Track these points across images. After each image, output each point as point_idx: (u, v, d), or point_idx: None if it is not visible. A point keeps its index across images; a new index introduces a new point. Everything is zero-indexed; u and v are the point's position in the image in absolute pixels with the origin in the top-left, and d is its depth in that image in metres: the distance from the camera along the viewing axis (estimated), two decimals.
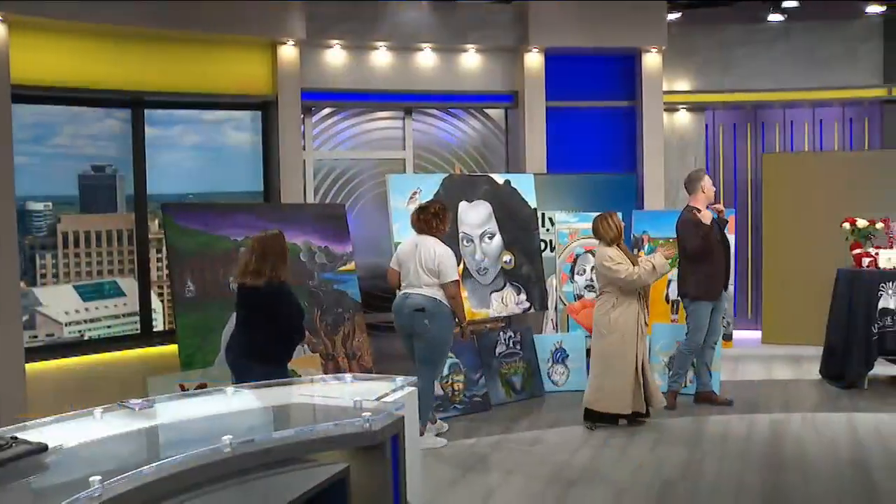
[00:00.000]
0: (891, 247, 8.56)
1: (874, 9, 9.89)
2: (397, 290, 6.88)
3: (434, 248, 6.62)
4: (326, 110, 9.76)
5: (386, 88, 9.59)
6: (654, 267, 7.02)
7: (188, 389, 6.09)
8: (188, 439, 3.37)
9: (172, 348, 7.56)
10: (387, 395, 3.83)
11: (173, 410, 3.70)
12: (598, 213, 7.33)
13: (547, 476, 6.01)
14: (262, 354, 5.54)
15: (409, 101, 9.78)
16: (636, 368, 7.04)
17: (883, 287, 8.29)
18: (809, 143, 10.90)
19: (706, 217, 7.58)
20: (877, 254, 8.51)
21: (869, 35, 10.32)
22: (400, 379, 4.11)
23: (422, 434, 6.61)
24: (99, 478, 2.63)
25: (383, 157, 9.94)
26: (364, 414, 3.43)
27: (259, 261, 5.58)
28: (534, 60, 9.79)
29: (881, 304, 8.29)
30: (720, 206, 7.84)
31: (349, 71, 9.47)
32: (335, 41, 9.26)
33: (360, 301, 8.36)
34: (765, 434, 6.99)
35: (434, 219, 6.75)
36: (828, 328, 8.80)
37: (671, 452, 6.51)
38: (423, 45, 9.58)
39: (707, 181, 7.79)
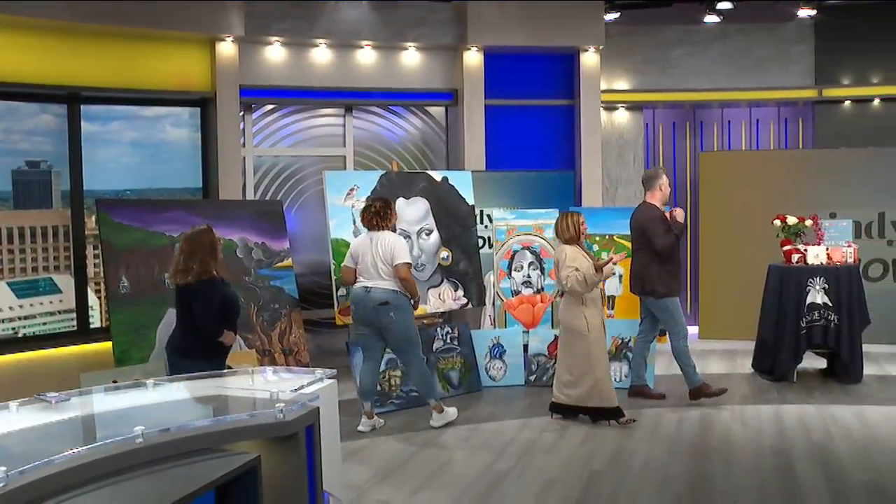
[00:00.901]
0: (819, 243, 8.78)
1: (805, 12, 10.11)
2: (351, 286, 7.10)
3: (389, 239, 6.92)
4: (267, 107, 9.76)
5: (326, 86, 9.62)
6: (584, 278, 7.01)
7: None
8: (102, 430, 3.39)
9: (109, 345, 7.52)
10: (304, 386, 3.88)
11: (91, 403, 3.71)
12: (561, 212, 7.46)
13: (478, 469, 6.09)
14: (188, 350, 5.62)
15: (349, 98, 9.83)
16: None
17: (811, 282, 8.50)
18: (746, 143, 11.13)
19: (680, 215, 7.73)
20: (805, 250, 8.72)
21: (801, 37, 10.56)
22: (319, 372, 4.16)
23: (441, 411, 7.14)
24: (3, 468, 2.64)
25: (324, 154, 9.97)
26: (278, 405, 3.47)
27: (187, 258, 5.64)
28: (473, 59, 9.89)
29: (809, 299, 8.49)
30: (679, 210, 7.91)
31: (289, 68, 9.48)
32: (275, 38, 9.28)
33: (298, 297, 8.37)
34: (694, 427, 7.13)
35: (376, 216, 6.96)
36: (759, 323, 9.00)
37: (601, 445, 6.62)
38: (364, 42, 9.63)
39: (665, 180, 7.91)
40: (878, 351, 9.24)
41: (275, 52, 9.42)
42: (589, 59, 10.11)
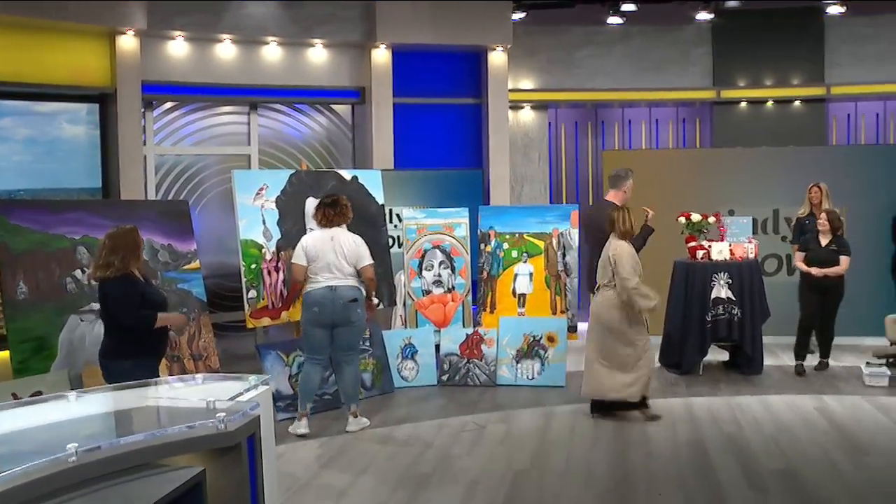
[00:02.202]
0: (722, 240, 9.03)
1: (704, 16, 10.40)
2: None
3: (350, 238, 6.90)
4: (168, 104, 9.43)
5: (230, 82, 9.40)
6: (643, 296, 6.93)
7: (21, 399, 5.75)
8: (28, 450, 3.16)
9: (6, 355, 7.11)
10: (241, 394, 3.73)
11: (9, 420, 3.47)
12: (615, 206, 7.34)
13: (400, 472, 6.01)
14: (117, 352, 5.39)
15: (254, 95, 9.62)
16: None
17: (715, 278, 8.73)
18: (646, 142, 11.36)
19: (651, 219, 7.83)
20: (709, 246, 8.96)
21: (700, 40, 10.86)
22: (253, 378, 4.01)
23: (357, 416, 7.07)
24: None
25: (227, 152, 9.72)
26: (218, 415, 3.32)
27: (109, 254, 5.44)
28: (381, 56, 9.80)
29: (713, 294, 8.73)
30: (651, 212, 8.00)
31: (192, 64, 9.21)
32: (178, 32, 8.99)
33: (206, 300, 8.11)
34: (609, 422, 7.22)
35: (334, 213, 6.93)
36: (665, 318, 9.20)
37: (521, 444, 6.64)
38: (270, 38, 9.43)
39: (631, 183, 7.98)
40: (775, 342, 9.55)
41: (178, 47, 9.13)
42: (497, 58, 10.15)
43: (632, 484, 5.72)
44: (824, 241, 8.66)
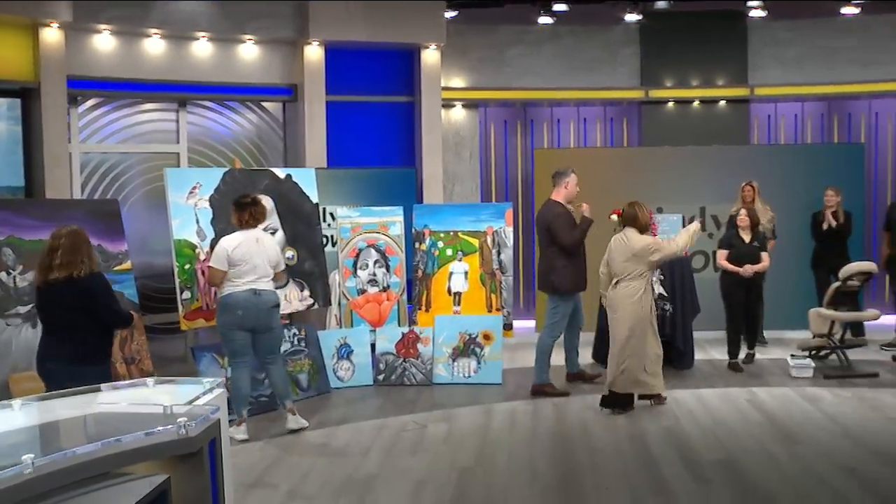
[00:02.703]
0: (654, 236, 9.16)
1: (632, 17, 10.56)
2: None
3: (271, 239, 6.93)
4: (94, 100, 9.14)
5: (159, 78, 9.16)
6: (685, 240, 7.43)
7: None
8: None
9: None
10: (198, 398, 3.63)
11: None
12: (630, 201, 7.49)
13: (345, 474, 5.94)
14: (87, 355, 5.21)
15: (183, 92, 9.39)
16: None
17: None
18: (575, 140, 11.49)
19: (587, 210, 7.87)
20: None
21: (628, 41, 11.02)
22: (208, 381, 3.91)
23: (295, 413, 6.97)
24: None
25: (156, 150, 9.48)
26: (179, 420, 3.22)
27: (70, 252, 5.23)
28: (314, 54, 9.68)
29: None
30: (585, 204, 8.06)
31: (119, 59, 8.95)
32: (104, 26, 8.71)
33: (138, 302, 7.90)
34: (549, 418, 7.29)
35: (257, 214, 6.83)
36: (599, 314, 9.30)
37: (463, 442, 6.63)
38: (200, 34, 9.22)
39: (573, 178, 8.00)
40: (703, 337, 9.75)
41: (104, 41, 8.85)
42: (430, 56, 10.13)
43: (577, 478, 5.77)
44: (747, 237, 8.87)
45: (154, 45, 9.11)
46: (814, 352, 8.87)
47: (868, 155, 10.85)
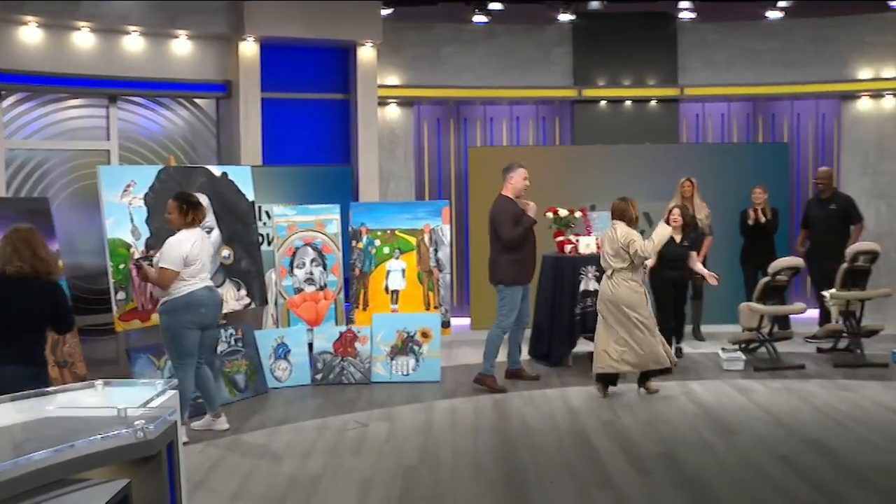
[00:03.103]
0: (589, 234, 9.32)
1: (565, 17, 10.67)
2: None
3: (209, 239, 6.86)
4: (19, 95, 8.85)
5: (88, 73, 8.91)
6: (658, 239, 7.72)
7: None
8: None
9: None
10: (152, 400, 3.56)
11: None
12: (619, 197, 7.80)
13: (289, 475, 5.88)
14: (28, 357, 5.04)
15: (113, 87, 9.16)
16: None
17: (583, 271, 9.00)
18: (508, 139, 11.57)
19: (532, 210, 7.94)
20: (577, 241, 9.23)
21: (561, 40, 11.13)
22: (160, 382, 3.83)
23: (220, 416, 6.93)
24: None
25: (85, 147, 9.22)
26: (136, 423, 3.15)
27: (38, 248, 5.11)
28: (249, 50, 9.54)
29: (582, 287, 8.99)
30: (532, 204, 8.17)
31: (47, 52, 8.67)
32: (31, 18, 8.44)
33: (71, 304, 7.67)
34: (490, 414, 7.33)
35: (201, 213, 6.78)
36: (535, 311, 9.41)
37: (406, 440, 6.62)
38: (131, 28, 9.00)
39: (518, 173, 8.12)
40: None
41: (31, 34, 8.57)
42: (366, 53, 10.08)
43: (522, 474, 5.81)
44: (678, 237, 8.87)
45: (83, 39, 8.87)
46: (744, 345, 9.12)
47: (790, 154, 11.18)
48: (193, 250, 6.58)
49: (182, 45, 9.44)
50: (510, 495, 5.42)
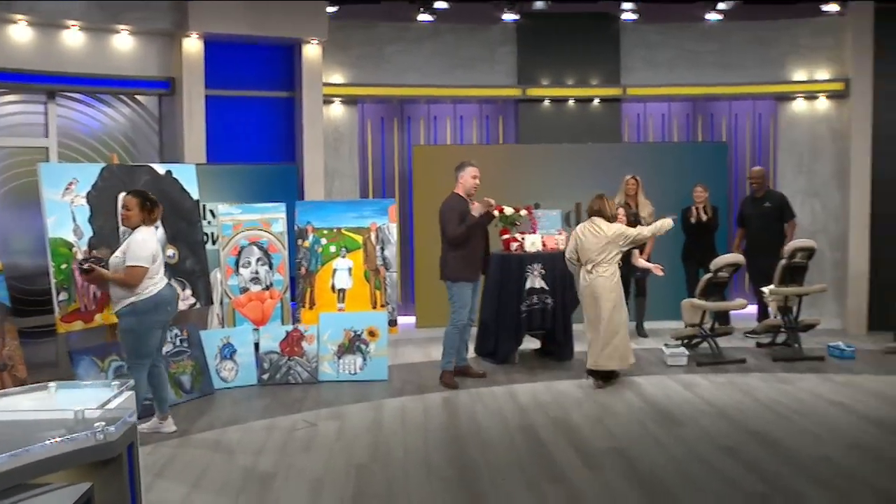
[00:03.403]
0: (534, 232, 9.40)
1: (510, 16, 10.74)
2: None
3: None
4: None
5: (25, 68, 8.67)
6: (654, 229, 8.25)
7: None
8: None
9: None
10: (110, 401, 3.51)
11: None
12: (596, 195, 8.20)
13: (240, 475, 5.82)
14: None
15: (52, 83, 8.93)
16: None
17: (529, 269, 9.08)
18: (451, 138, 11.59)
19: (476, 209, 8.01)
20: (523, 239, 9.30)
21: (505, 40, 11.19)
22: (116, 383, 3.78)
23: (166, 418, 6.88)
24: None
25: (22, 144, 8.99)
26: (96, 424, 3.10)
27: None
28: (193, 46, 9.39)
29: (528, 285, 9.07)
30: (491, 201, 8.31)
31: None
32: None
33: (10, 305, 7.49)
34: (439, 412, 7.36)
35: (157, 211, 6.71)
36: (481, 309, 9.46)
37: (356, 439, 6.62)
38: (71, 22, 8.79)
39: (467, 171, 8.28)
40: (578, 329, 10.03)
41: None
42: (311, 51, 10.00)
43: (473, 471, 5.84)
44: None
45: (20, 33, 8.63)
46: (686, 341, 9.29)
47: (729, 153, 11.42)
48: (157, 248, 6.57)
49: (124, 41, 9.26)
50: (463, 492, 5.45)
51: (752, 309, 10.45)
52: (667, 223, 8.27)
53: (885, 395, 7.63)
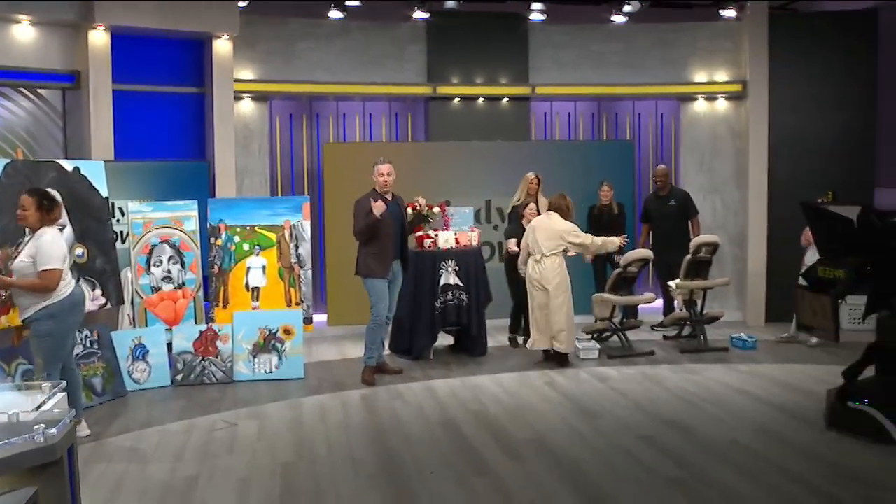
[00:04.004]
0: (447, 229, 9.49)
1: (420, 14, 10.79)
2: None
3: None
4: None
5: None
6: (600, 244, 8.79)
7: None
8: None
9: None
10: (44, 403, 3.43)
11: None
12: (558, 193, 8.94)
13: (163, 478, 5.73)
14: None
15: None
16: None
17: (443, 265, 9.17)
18: (360, 135, 11.58)
19: (378, 208, 8.04)
20: (436, 236, 9.38)
21: (415, 38, 11.22)
22: (47, 386, 3.69)
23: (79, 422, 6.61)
24: None
25: None
26: (36, 427, 3.04)
27: None
28: (99, 39, 9.12)
29: (442, 281, 9.16)
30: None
31: None
32: None
33: None
34: (359, 409, 7.38)
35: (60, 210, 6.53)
36: (396, 306, 9.48)
37: (278, 437, 6.59)
38: None
39: (375, 170, 8.44)
40: (491, 325, 10.19)
41: None
42: (222, 46, 9.83)
43: (400, 466, 5.89)
44: None
45: None
46: (597, 334, 9.53)
47: (633, 151, 11.73)
48: (66, 249, 6.39)
49: (24, 32, 8.92)
50: (392, 487, 5.49)
51: (659, 303, 10.78)
52: (613, 242, 8.78)
53: (785, 382, 8.01)
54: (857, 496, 5.15)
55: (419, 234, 9.47)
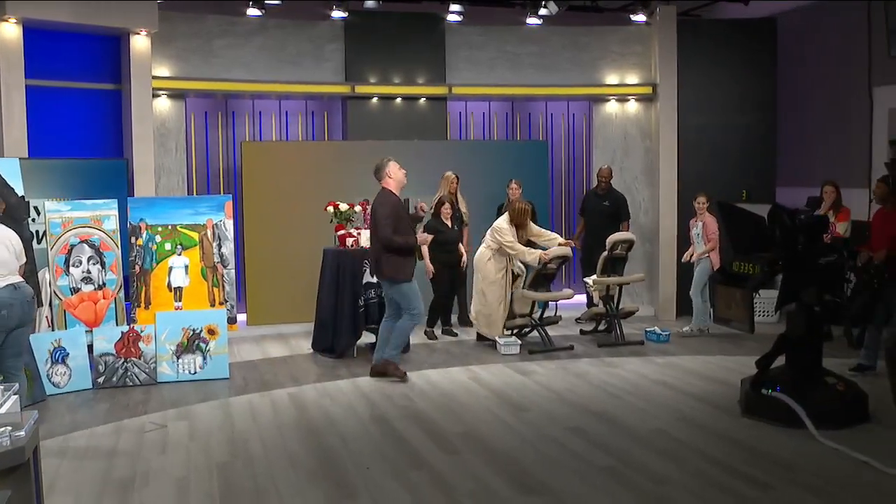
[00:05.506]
0: (367, 228, 9.56)
1: (338, 14, 10.82)
2: None
3: (10, 231, 6.50)
4: None
5: None
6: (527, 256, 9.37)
7: None
8: None
9: None
10: (0, 405, 3.42)
11: None
12: (526, 200, 9.84)
13: (97, 482, 5.63)
14: None
15: None
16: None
17: (366, 264, 9.23)
18: (276, 133, 11.54)
19: (424, 240, 8.33)
20: (358, 234, 9.45)
21: (333, 37, 11.24)
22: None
23: None
24: None
25: None
26: (2, 430, 3.04)
27: None
28: (11, 33, 8.84)
29: (365, 279, 9.23)
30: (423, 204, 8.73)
31: None
32: None
33: None
34: (289, 408, 7.39)
35: None
36: (318, 305, 9.54)
37: (210, 437, 6.57)
38: None
39: (392, 167, 8.32)
40: None
41: None
42: (139, 42, 9.66)
43: (336, 462, 5.96)
44: (450, 224, 10.06)
45: None
46: (517, 330, 9.76)
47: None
48: None
49: None
50: (332, 483, 5.56)
51: (583, 298, 11.09)
52: (534, 257, 9.28)
53: (700, 372, 8.38)
54: (774, 476, 5.48)
55: (341, 232, 9.54)
